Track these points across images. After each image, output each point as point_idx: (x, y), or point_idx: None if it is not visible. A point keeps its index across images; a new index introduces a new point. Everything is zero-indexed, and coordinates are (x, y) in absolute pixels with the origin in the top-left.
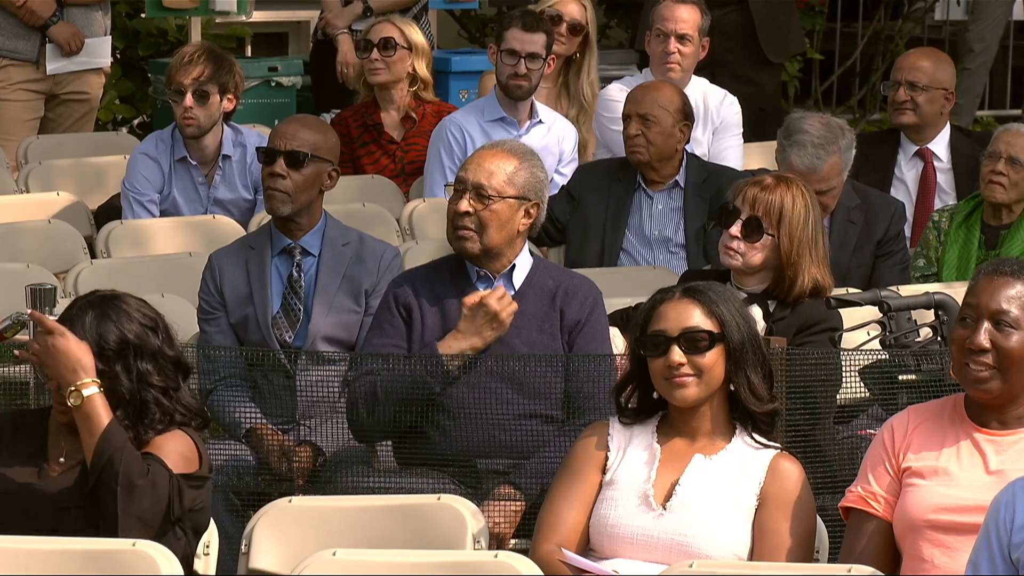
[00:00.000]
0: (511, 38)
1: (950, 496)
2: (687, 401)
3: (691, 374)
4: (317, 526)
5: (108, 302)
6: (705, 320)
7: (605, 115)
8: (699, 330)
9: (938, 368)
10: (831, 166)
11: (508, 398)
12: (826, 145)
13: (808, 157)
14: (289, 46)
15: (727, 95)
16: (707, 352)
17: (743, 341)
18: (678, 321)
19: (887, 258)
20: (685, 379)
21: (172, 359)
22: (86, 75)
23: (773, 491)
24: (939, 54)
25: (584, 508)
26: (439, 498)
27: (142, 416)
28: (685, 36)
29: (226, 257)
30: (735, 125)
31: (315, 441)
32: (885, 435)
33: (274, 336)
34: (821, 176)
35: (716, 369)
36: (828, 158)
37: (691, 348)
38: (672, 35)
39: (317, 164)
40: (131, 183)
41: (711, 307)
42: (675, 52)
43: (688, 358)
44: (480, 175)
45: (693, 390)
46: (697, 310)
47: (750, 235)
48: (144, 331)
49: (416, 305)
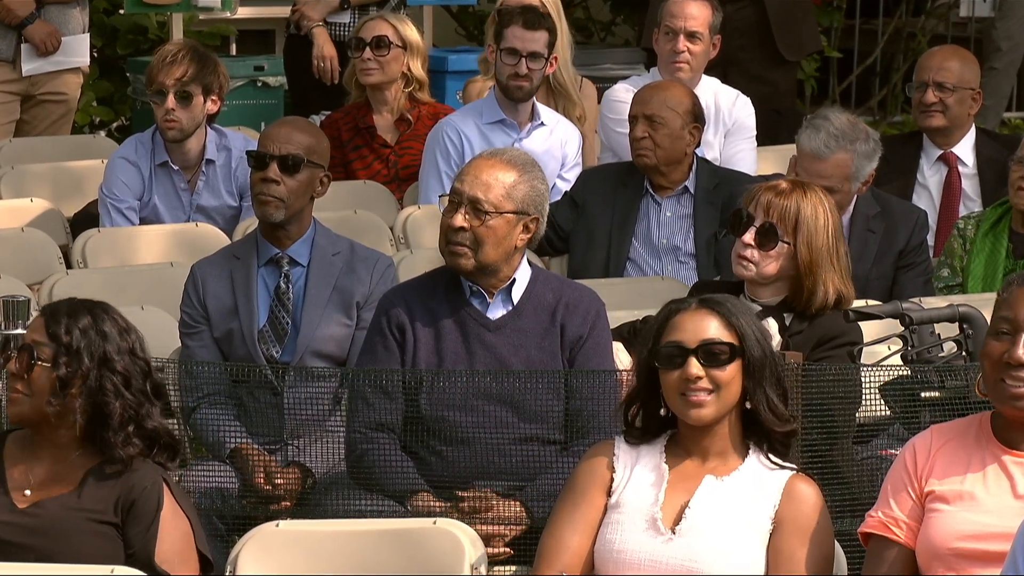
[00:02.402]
0: (511, 36)
1: (976, 522)
2: (703, 419)
3: (708, 389)
4: (306, 552)
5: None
6: (724, 332)
7: (610, 117)
8: (719, 342)
9: (963, 385)
10: (836, 162)
11: (506, 421)
12: (840, 139)
13: (816, 141)
14: (276, 44)
15: (740, 95)
16: (726, 366)
17: (762, 356)
18: (696, 332)
19: (909, 269)
20: (702, 396)
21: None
22: (63, 75)
23: (789, 515)
24: (965, 53)
25: (588, 532)
26: (435, 522)
27: (104, 425)
28: (695, 34)
29: (209, 267)
30: (748, 127)
31: (304, 462)
32: (907, 456)
33: (260, 351)
34: (822, 169)
35: (733, 385)
36: (836, 152)
37: (710, 361)
38: (681, 32)
39: (311, 169)
40: (109, 189)
41: (730, 319)
42: (684, 51)
43: (706, 371)
44: (477, 188)
45: (710, 408)
46: (715, 321)
47: (764, 243)
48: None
49: (409, 325)
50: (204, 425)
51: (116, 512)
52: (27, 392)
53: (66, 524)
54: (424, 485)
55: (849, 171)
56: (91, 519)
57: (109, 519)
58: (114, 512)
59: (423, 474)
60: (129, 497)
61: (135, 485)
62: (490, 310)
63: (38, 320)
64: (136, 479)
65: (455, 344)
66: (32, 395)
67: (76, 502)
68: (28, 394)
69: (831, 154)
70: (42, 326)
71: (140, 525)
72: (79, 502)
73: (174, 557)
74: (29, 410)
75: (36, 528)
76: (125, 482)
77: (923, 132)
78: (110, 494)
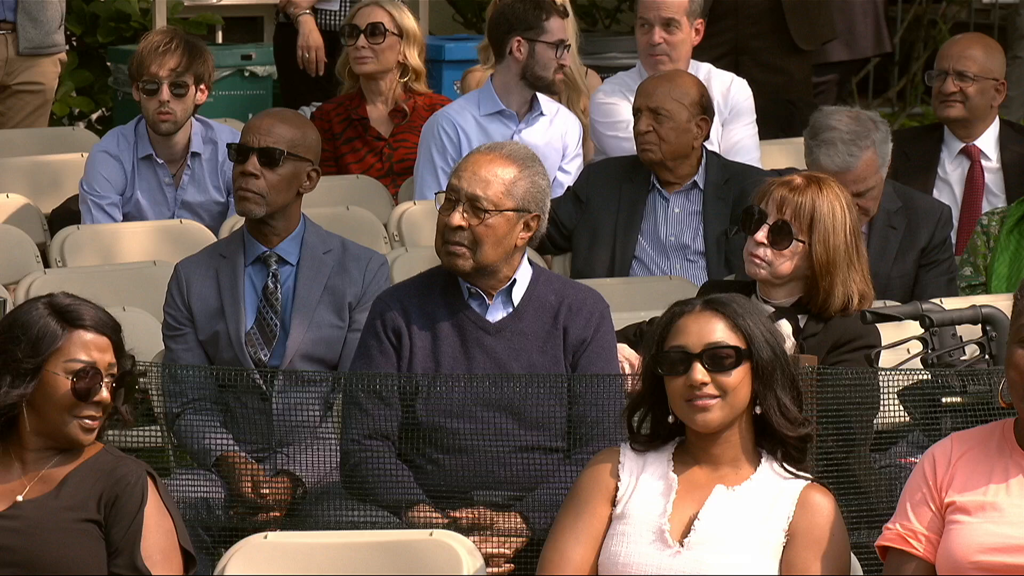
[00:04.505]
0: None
1: (999, 535)
2: (709, 426)
3: (714, 395)
4: (296, 565)
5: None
6: (730, 335)
7: (599, 120)
8: (724, 346)
9: (986, 389)
10: (866, 163)
11: (506, 429)
12: (858, 140)
13: (840, 155)
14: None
15: (735, 79)
16: (733, 370)
17: (772, 359)
18: (700, 336)
19: (932, 268)
20: (708, 401)
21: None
22: (40, 63)
23: (803, 526)
24: (989, 41)
25: (592, 544)
26: (431, 534)
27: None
28: (671, 21)
29: (194, 266)
30: (747, 112)
31: (293, 471)
32: (926, 465)
33: (248, 354)
34: (856, 175)
35: (742, 389)
36: (862, 154)
37: (715, 366)
38: (656, 23)
39: (294, 163)
40: (89, 184)
41: (736, 320)
42: (661, 42)
43: (712, 377)
44: (475, 185)
45: (716, 413)
46: (721, 324)
47: (778, 242)
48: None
49: (405, 329)
50: (189, 432)
51: (99, 509)
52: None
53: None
54: (421, 496)
55: (877, 164)
56: (74, 518)
57: (91, 516)
58: (97, 509)
59: (419, 484)
60: (112, 492)
61: (118, 480)
62: (489, 312)
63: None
64: (119, 474)
65: (453, 348)
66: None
67: (56, 501)
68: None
69: (858, 160)
70: None
71: (123, 521)
72: (60, 501)
73: (157, 554)
74: None
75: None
76: (108, 477)
77: (944, 124)
78: (93, 490)
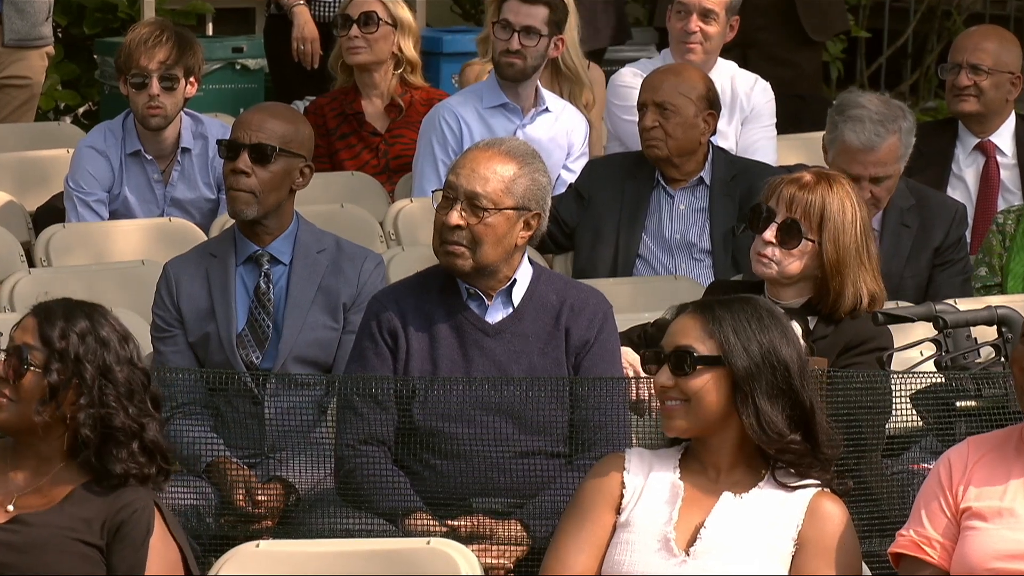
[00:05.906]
0: (507, 9)
1: (1016, 541)
2: (674, 432)
3: (678, 399)
4: (289, 573)
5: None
6: (701, 339)
7: (616, 103)
8: (688, 349)
9: (1001, 393)
10: (889, 147)
11: (506, 433)
12: (886, 122)
13: (866, 133)
14: (256, 24)
15: (759, 80)
16: (693, 376)
17: (749, 366)
18: (673, 338)
19: (946, 267)
20: (672, 405)
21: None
22: (27, 57)
23: (813, 535)
24: (1004, 33)
25: (595, 553)
26: (428, 542)
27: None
28: (710, 12)
29: (184, 266)
30: (767, 115)
31: (286, 477)
32: (941, 470)
33: (239, 356)
34: (878, 158)
35: (708, 397)
36: (888, 137)
37: (676, 369)
38: (695, 11)
39: (287, 159)
40: (75, 180)
41: (713, 325)
42: (696, 31)
43: (675, 380)
44: (474, 182)
45: (681, 420)
46: (697, 327)
47: (787, 240)
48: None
49: (402, 331)
50: (178, 437)
51: (102, 534)
52: (14, 398)
53: (46, 542)
54: (418, 503)
55: (899, 152)
56: (74, 539)
57: (93, 540)
58: (100, 534)
59: (416, 491)
60: (116, 519)
61: (124, 506)
62: (489, 313)
63: (29, 321)
64: (125, 500)
65: (451, 350)
66: (19, 401)
67: (58, 519)
68: (15, 400)
69: (883, 142)
70: (34, 328)
71: (126, 550)
72: (61, 519)
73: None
74: (14, 417)
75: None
76: (113, 502)
77: (958, 119)
78: (97, 514)
